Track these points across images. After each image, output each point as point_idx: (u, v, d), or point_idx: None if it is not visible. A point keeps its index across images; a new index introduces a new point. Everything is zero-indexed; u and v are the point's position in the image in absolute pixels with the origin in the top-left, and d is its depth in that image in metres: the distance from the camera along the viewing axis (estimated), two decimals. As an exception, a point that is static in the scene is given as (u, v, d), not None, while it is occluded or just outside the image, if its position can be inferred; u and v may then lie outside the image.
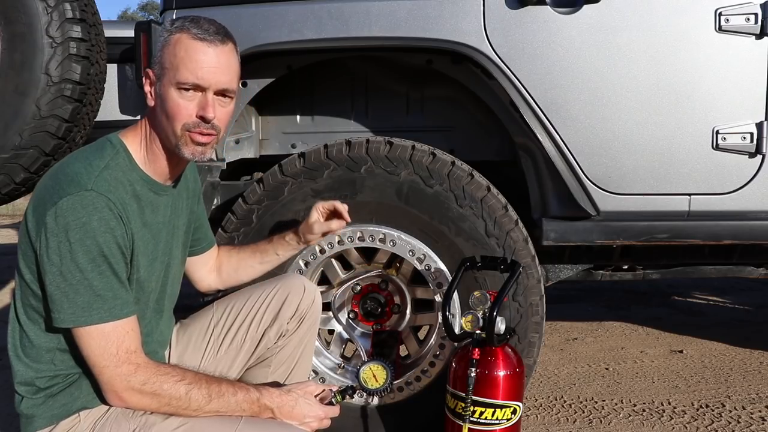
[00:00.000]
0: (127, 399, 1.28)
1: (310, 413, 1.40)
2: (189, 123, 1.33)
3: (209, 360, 1.64)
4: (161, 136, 1.37)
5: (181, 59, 1.31)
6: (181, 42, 1.31)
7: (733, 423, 2.28)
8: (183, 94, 1.32)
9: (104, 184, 1.27)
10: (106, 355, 1.25)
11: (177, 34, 1.32)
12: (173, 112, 1.32)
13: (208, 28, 1.33)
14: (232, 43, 1.37)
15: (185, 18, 1.35)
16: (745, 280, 4.27)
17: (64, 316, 1.24)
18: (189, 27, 1.32)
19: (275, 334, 1.67)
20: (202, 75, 1.31)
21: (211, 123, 1.34)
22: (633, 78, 1.89)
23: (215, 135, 1.37)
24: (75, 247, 1.22)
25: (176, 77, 1.31)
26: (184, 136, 1.34)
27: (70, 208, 1.22)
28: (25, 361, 1.33)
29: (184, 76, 1.31)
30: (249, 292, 1.71)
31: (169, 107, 1.32)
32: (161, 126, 1.35)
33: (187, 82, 1.31)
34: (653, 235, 1.95)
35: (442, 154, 1.95)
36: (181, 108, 1.32)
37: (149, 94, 1.37)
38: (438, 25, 1.90)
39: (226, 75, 1.35)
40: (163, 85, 1.33)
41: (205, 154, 1.38)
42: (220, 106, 1.36)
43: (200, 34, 1.31)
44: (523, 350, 1.91)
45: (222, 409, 1.32)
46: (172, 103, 1.32)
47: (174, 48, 1.32)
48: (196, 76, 1.31)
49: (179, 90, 1.31)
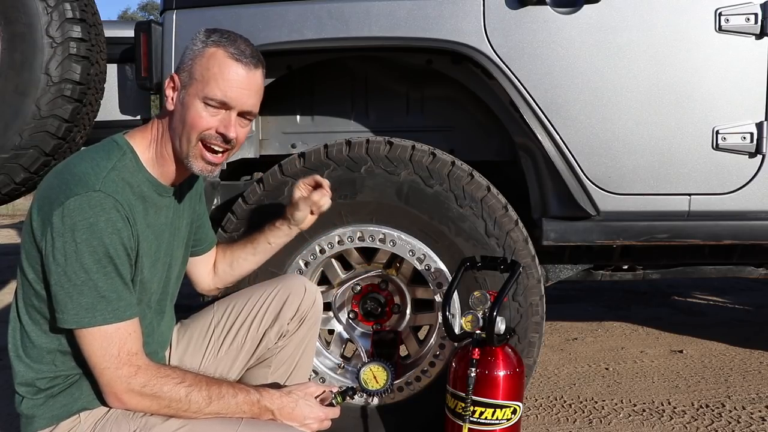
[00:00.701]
0: (127, 401, 1.28)
1: (311, 414, 1.40)
2: (206, 134, 1.34)
3: (209, 360, 1.64)
4: (174, 143, 1.37)
5: (212, 75, 1.32)
6: (216, 57, 1.32)
7: (733, 423, 2.28)
8: (208, 108, 1.33)
9: (112, 185, 1.27)
10: (107, 356, 1.25)
11: (213, 48, 1.33)
12: (194, 122, 1.33)
13: (245, 50, 1.34)
14: (262, 68, 1.39)
15: (222, 33, 1.36)
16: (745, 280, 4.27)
17: (68, 317, 1.24)
18: (226, 44, 1.33)
19: (276, 334, 1.67)
20: (231, 95, 1.33)
21: (230, 141, 1.35)
22: (633, 78, 1.89)
23: (228, 152, 1.39)
24: (81, 248, 1.22)
25: (205, 91, 1.32)
26: (197, 147, 1.34)
27: (78, 209, 1.22)
28: (25, 361, 1.33)
29: (213, 93, 1.32)
30: (250, 293, 1.70)
31: (191, 116, 1.33)
32: (177, 131, 1.35)
33: (216, 98, 1.32)
34: (653, 235, 1.95)
35: (442, 154, 1.95)
36: (203, 120, 1.33)
37: (170, 99, 1.36)
38: (438, 25, 1.90)
39: (253, 98, 1.37)
40: (189, 95, 1.33)
41: (213, 173, 1.39)
42: (240, 126, 1.37)
43: (236, 54, 1.33)
44: (523, 350, 1.91)
45: (222, 411, 1.32)
46: (195, 113, 1.33)
47: (208, 61, 1.32)
48: (225, 94, 1.32)
49: (205, 104, 1.33)
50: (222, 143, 1.35)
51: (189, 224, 1.59)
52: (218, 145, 1.35)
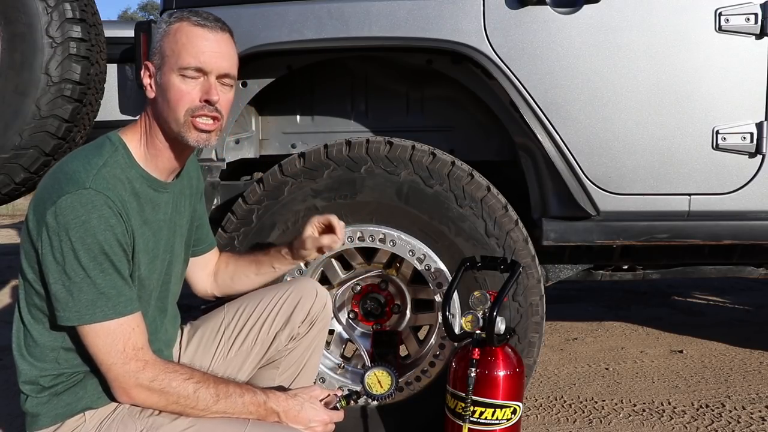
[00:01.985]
0: (136, 396, 1.29)
1: (316, 417, 1.40)
2: (193, 107, 1.33)
3: (219, 361, 1.64)
4: (164, 127, 1.36)
5: (182, 45, 1.32)
6: (182, 29, 1.34)
7: (733, 423, 2.28)
8: (186, 80, 1.33)
9: (102, 182, 1.27)
10: (113, 352, 1.26)
11: (177, 24, 1.35)
12: (176, 98, 1.33)
13: (207, 17, 1.36)
14: (230, 33, 1.40)
15: (182, 10, 1.38)
16: (745, 280, 4.27)
17: (69, 315, 1.25)
18: (188, 16, 1.35)
19: (287, 337, 1.66)
20: (204, 59, 1.33)
21: (215, 106, 1.35)
22: (633, 78, 1.89)
23: (219, 120, 1.37)
24: (76, 246, 1.22)
25: (178, 62, 1.32)
26: (187, 122, 1.34)
27: (70, 207, 1.22)
28: (29, 360, 1.34)
29: (187, 61, 1.32)
30: (261, 295, 1.69)
31: (172, 94, 1.33)
32: (163, 115, 1.35)
33: (190, 66, 1.32)
34: (653, 235, 1.95)
35: (442, 154, 1.95)
36: (184, 93, 1.33)
37: (149, 86, 1.37)
38: (438, 25, 1.90)
39: (227, 60, 1.37)
40: (164, 74, 1.33)
41: (210, 141, 1.38)
42: (222, 91, 1.37)
43: (200, 21, 1.34)
44: (523, 350, 1.91)
45: (229, 410, 1.32)
46: (175, 89, 1.33)
47: (175, 35, 1.34)
48: (199, 60, 1.33)
49: (181, 76, 1.33)
50: (209, 111, 1.35)
51: (190, 222, 1.59)
52: (206, 115, 1.34)
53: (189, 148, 1.40)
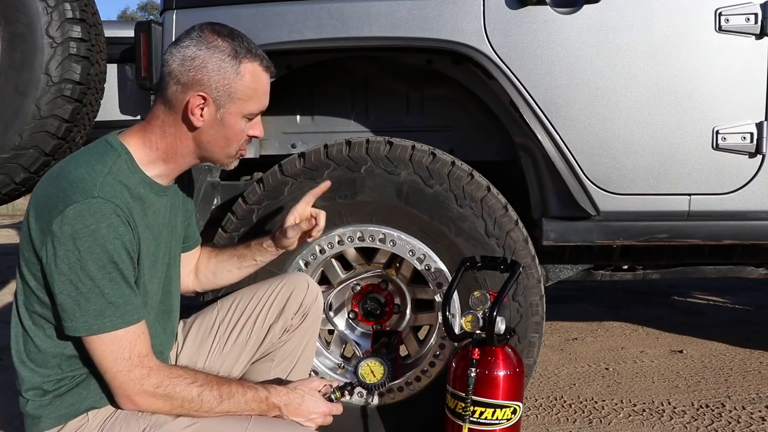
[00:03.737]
0: (141, 403, 1.28)
1: (316, 410, 1.42)
2: (242, 142, 1.42)
3: (215, 356, 1.65)
4: (205, 154, 1.40)
5: (254, 91, 1.37)
6: (256, 73, 1.36)
7: (733, 423, 2.28)
8: (246, 121, 1.39)
9: (110, 189, 1.26)
10: (119, 360, 1.25)
11: (249, 63, 1.35)
12: (236, 138, 1.40)
13: (262, 54, 1.38)
14: None
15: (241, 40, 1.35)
16: (745, 280, 4.27)
17: (77, 325, 1.24)
18: (255, 56, 1.36)
19: (280, 329, 1.68)
20: (266, 103, 1.41)
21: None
22: (633, 78, 1.89)
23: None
24: (84, 255, 1.21)
25: (249, 108, 1.37)
26: (236, 155, 1.43)
27: (78, 216, 1.20)
28: (30, 366, 1.32)
29: (258, 108, 1.40)
30: (254, 289, 1.71)
31: (233, 134, 1.38)
32: (213, 147, 1.39)
33: (256, 112, 1.40)
34: (653, 235, 1.95)
35: (442, 154, 1.95)
36: (244, 132, 1.40)
37: (199, 116, 1.33)
38: (438, 25, 1.90)
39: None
40: (230, 113, 1.36)
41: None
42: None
43: (267, 64, 1.39)
44: (523, 350, 1.91)
45: (232, 410, 1.33)
46: (237, 130, 1.39)
47: (252, 81, 1.36)
48: (263, 105, 1.41)
49: (246, 119, 1.38)
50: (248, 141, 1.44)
51: (183, 222, 1.60)
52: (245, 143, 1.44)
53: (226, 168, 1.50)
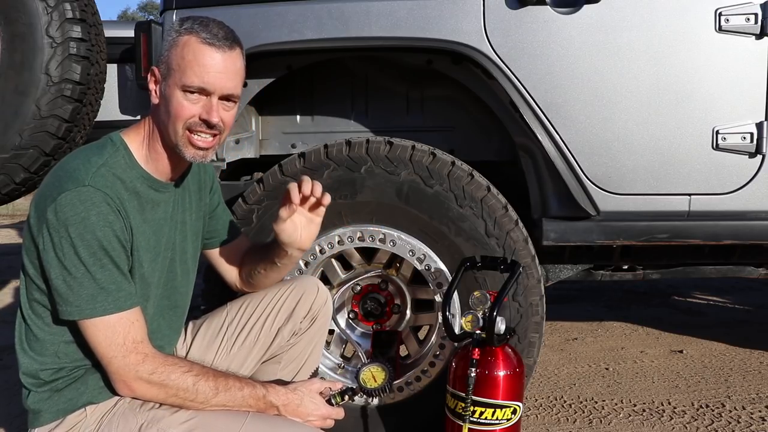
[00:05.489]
0: (136, 389, 1.31)
1: (315, 412, 1.43)
2: (191, 122, 1.35)
3: (222, 357, 1.65)
4: (163, 135, 1.38)
5: (188, 62, 1.32)
6: (190, 45, 1.33)
7: (733, 423, 2.28)
8: (188, 96, 1.34)
9: (101, 179, 1.30)
10: (113, 345, 1.28)
11: (185, 36, 1.33)
12: (176, 112, 1.34)
13: (217, 33, 1.34)
14: (239, 48, 1.39)
15: (194, 19, 1.36)
16: (745, 280, 4.27)
17: (70, 309, 1.28)
18: (198, 30, 1.33)
19: (289, 332, 1.67)
20: (208, 80, 1.33)
21: (215, 126, 1.36)
22: (633, 78, 1.89)
23: (217, 136, 1.39)
24: (76, 242, 1.25)
25: (182, 80, 1.32)
26: (184, 136, 1.35)
27: (69, 204, 1.25)
28: (30, 354, 1.36)
29: (191, 80, 1.32)
30: (264, 292, 1.70)
31: (173, 107, 1.34)
32: (164, 124, 1.37)
33: (193, 85, 1.33)
34: (653, 235, 1.95)
35: (442, 154, 1.95)
36: (185, 108, 1.34)
37: (153, 92, 1.38)
38: (438, 25, 1.90)
39: (232, 81, 1.37)
40: (169, 86, 1.34)
41: (206, 158, 1.40)
42: (223, 110, 1.38)
43: (209, 39, 1.33)
44: (523, 350, 1.91)
45: (228, 403, 1.34)
46: (176, 103, 1.34)
47: (182, 50, 1.33)
48: (203, 80, 1.33)
49: (184, 92, 1.33)
50: (207, 129, 1.36)
51: (201, 217, 1.60)
52: (203, 131, 1.36)
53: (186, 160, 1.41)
